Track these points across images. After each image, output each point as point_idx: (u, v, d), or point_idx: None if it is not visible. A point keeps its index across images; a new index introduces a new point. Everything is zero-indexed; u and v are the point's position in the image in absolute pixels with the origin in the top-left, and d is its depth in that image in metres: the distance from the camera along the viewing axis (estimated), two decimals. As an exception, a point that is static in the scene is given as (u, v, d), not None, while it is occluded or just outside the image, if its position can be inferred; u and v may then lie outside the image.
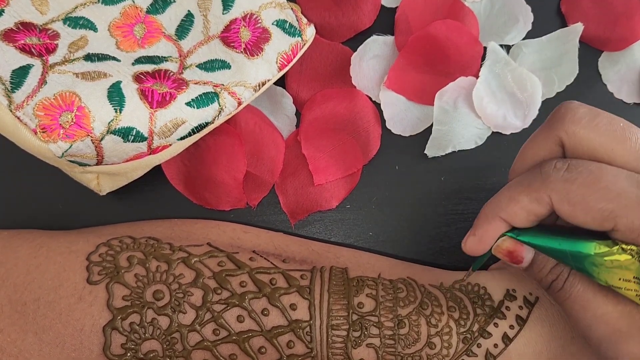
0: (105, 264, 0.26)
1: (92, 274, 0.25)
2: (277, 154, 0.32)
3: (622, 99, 0.34)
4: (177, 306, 0.25)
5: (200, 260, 0.27)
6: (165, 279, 0.26)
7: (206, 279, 0.26)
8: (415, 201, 0.33)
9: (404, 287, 0.27)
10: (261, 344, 0.25)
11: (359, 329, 0.25)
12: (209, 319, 0.25)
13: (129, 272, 0.26)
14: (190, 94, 0.27)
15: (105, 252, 0.26)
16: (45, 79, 0.25)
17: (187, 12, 0.29)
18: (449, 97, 0.32)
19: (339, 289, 0.26)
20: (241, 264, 0.27)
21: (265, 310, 0.25)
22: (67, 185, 0.31)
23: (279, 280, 0.26)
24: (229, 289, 0.26)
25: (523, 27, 0.33)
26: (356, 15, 0.33)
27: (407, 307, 0.26)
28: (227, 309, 0.25)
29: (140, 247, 0.27)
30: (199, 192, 0.32)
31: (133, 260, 0.26)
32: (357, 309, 0.25)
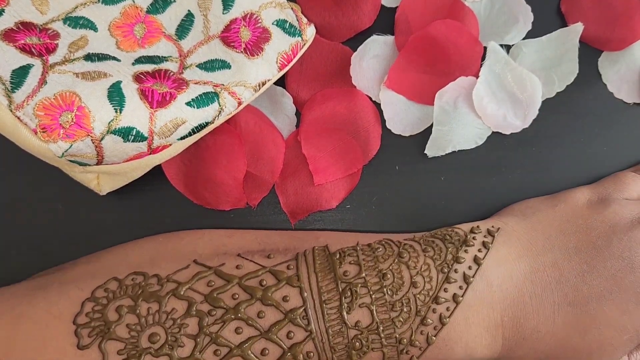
0: (93, 323, 0.25)
1: (81, 338, 0.25)
2: (277, 154, 0.32)
3: (622, 99, 0.34)
4: (174, 342, 0.25)
5: (190, 287, 0.26)
6: (159, 320, 0.25)
7: (199, 305, 0.26)
8: (415, 201, 0.33)
9: (381, 246, 0.29)
10: (263, 346, 0.25)
11: (349, 294, 0.26)
12: (208, 342, 0.25)
13: (120, 325, 0.25)
14: (190, 94, 0.27)
15: (91, 309, 0.25)
16: (46, 79, 0.25)
17: (187, 11, 0.29)
18: (449, 97, 0.32)
19: (324, 266, 0.27)
20: (229, 277, 0.27)
21: (261, 312, 0.26)
22: (67, 185, 0.31)
23: (268, 279, 0.27)
24: (222, 306, 0.26)
25: (523, 27, 0.33)
26: (356, 15, 0.33)
27: (387, 260, 0.28)
28: (224, 326, 0.25)
29: (127, 292, 0.26)
30: (199, 192, 0.32)
31: (122, 311, 0.25)
32: (344, 277, 0.27)
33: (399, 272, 0.27)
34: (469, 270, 0.27)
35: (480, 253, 0.28)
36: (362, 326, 0.26)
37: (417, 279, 0.27)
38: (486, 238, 0.29)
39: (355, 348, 0.26)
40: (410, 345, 0.26)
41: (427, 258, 0.28)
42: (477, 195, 0.33)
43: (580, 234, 0.28)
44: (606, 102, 0.34)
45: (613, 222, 0.28)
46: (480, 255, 0.28)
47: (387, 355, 0.26)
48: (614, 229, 0.28)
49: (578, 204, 0.30)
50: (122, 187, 0.29)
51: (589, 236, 0.28)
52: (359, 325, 0.26)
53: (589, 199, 0.30)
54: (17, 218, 0.31)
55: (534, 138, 0.33)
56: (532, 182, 0.33)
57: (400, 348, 0.26)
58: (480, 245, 0.28)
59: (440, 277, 0.27)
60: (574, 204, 0.30)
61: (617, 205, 0.29)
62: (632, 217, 0.29)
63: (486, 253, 0.28)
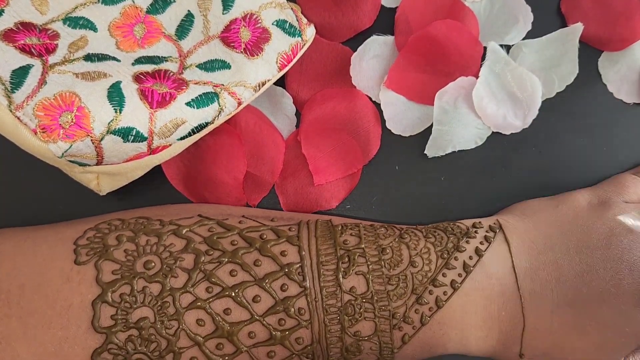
0: (93, 245, 0.26)
1: (79, 255, 0.25)
2: (277, 154, 0.32)
3: (622, 99, 0.34)
4: (168, 271, 0.25)
5: (191, 229, 0.27)
6: (156, 250, 0.26)
7: (197, 244, 0.26)
8: (415, 201, 0.33)
9: (384, 227, 0.29)
10: (255, 293, 0.26)
11: (346, 260, 0.27)
12: (202, 279, 0.25)
13: (118, 249, 0.26)
14: (190, 94, 0.27)
15: (93, 235, 0.27)
16: (45, 79, 0.25)
17: (187, 12, 0.29)
18: (449, 97, 0.32)
19: (325, 233, 0.28)
20: (230, 227, 0.27)
21: (258, 261, 0.26)
22: (67, 185, 0.31)
23: (268, 234, 0.27)
24: (220, 249, 0.26)
25: (523, 27, 0.33)
26: (356, 15, 0.33)
27: (388, 238, 0.28)
28: (219, 266, 0.26)
29: (129, 227, 0.27)
30: (199, 192, 0.32)
31: (122, 239, 0.26)
32: (343, 245, 0.27)
33: (398, 250, 0.27)
34: (469, 259, 0.27)
35: (482, 245, 0.28)
36: (357, 293, 0.26)
37: (416, 259, 0.27)
38: (488, 233, 0.29)
39: (347, 313, 0.26)
40: (404, 322, 0.26)
41: (428, 243, 0.28)
42: (477, 195, 0.33)
43: (580, 234, 0.28)
44: (606, 102, 0.34)
45: (612, 224, 0.28)
46: (481, 247, 0.28)
47: (380, 327, 0.26)
48: (613, 232, 0.28)
49: (579, 206, 0.30)
50: (122, 187, 0.29)
51: (590, 237, 0.28)
52: (354, 291, 0.26)
53: (590, 201, 0.30)
54: (17, 218, 0.31)
55: (534, 138, 0.33)
56: (532, 182, 0.33)
57: (393, 322, 0.26)
58: (482, 238, 0.28)
59: (440, 262, 0.27)
60: (574, 206, 0.30)
61: (617, 208, 0.29)
62: None
63: (487, 246, 0.28)
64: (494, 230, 0.29)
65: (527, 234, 0.29)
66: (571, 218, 0.29)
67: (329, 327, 0.26)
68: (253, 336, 0.25)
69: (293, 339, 0.26)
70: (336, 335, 0.26)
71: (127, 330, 0.24)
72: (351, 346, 0.26)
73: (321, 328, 0.26)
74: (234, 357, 0.25)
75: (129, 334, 0.24)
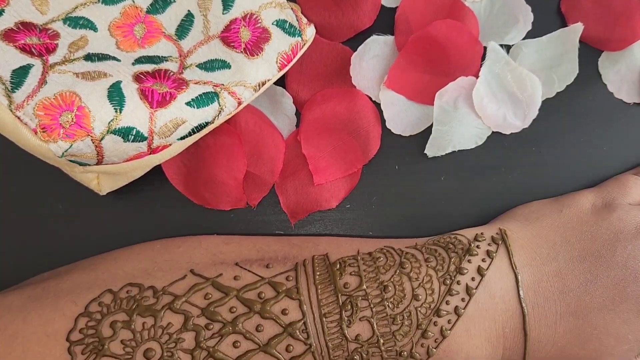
0: (87, 339, 0.25)
1: (74, 356, 0.24)
2: (277, 154, 0.32)
3: (622, 99, 0.34)
4: (170, 357, 0.25)
5: (187, 300, 0.26)
6: (154, 335, 0.25)
7: (195, 319, 0.26)
8: (415, 201, 0.33)
9: (383, 255, 0.28)
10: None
11: (349, 307, 0.26)
12: (205, 357, 0.25)
13: (114, 341, 0.25)
14: (190, 94, 0.27)
15: (85, 325, 0.25)
16: (46, 79, 0.25)
17: (187, 12, 0.29)
18: (449, 97, 0.32)
19: (324, 277, 0.27)
20: (227, 289, 0.27)
21: (260, 326, 0.26)
22: (67, 185, 0.31)
23: (267, 291, 0.27)
24: (220, 320, 0.26)
25: (523, 27, 0.33)
26: (356, 15, 0.33)
27: (389, 271, 0.27)
28: (221, 340, 0.25)
29: (122, 305, 0.26)
30: (199, 192, 0.32)
31: (116, 327, 0.25)
32: (344, 290, 0.27)
33: (400, 283, 0.27)
34: (471, 281, 0.27)
35: (484, 263, 0.28)
36: (363, 339, 0.26)
37: (419, 291, 0.27)
38: (490, 246, 0.28)
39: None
40: (411, 358, 0.26)
41: (429, 269, 0.27)
42: (477, 195, 0.33)
43: (584, 241, 0.28)
44: (606, 102, 0.34)
45: (617, 229, 0.28)
46: (483, 266, 0.27)
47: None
48: (618, 237, 0.28)
49: (582, 210, 0.30)
50: (122, 187, 0.29)
51: (594, 244, 0.28)
52: (359, 338, 0.26)
53: (593, 204, 0.30)
54: (17, 218, 0.31)
55: (534, 138, 0.33)
56: (532, 182, 0.33)
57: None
58: (484, 254, 0.28)
59: (443, 289, 0.27)
60: (578, 210, 0.30)
61: (621, 211, 0.29)
62: (636, 223, 0.28)
63: (490, 263, 0.28)
64: (496, 242, 0.28)
65: (530, 243, 0.29)
66: (575, 223, 0.29)
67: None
68: None
69: None
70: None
71: None
72: None
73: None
74: None
75: None
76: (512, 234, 0.29)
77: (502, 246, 0.28)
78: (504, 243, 0.28)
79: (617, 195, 0.30)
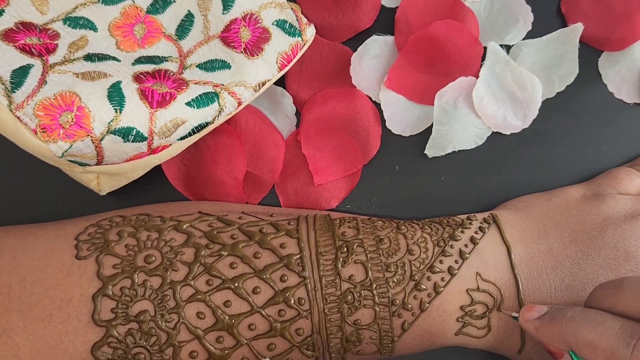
0: (94, 240, 0.26)
1: (80, 250, 0.26)
2: (277, 154, 0.32)
3: (622, 99, 0.34)
4: (169, 265, 0.25)
5: (191, 224, 0.27)
6: (157, 245, 0.26)
7: (197, 239, 0.27)
8: (415, 201, 0.33)
9: (381, 221, 0.29)
10: (255, 285, 0.26)
11: (345, 250, 0.27)
12: (202, 272, 0.26)
13: (119, 244, 0.26)
14: (190, 94, 0.27)
15: (94, 231, 0.27)
16: (45, 79, 0.25)
17: (187, 12, 0.29)
18: (449, 97, 0.32)
19: (323, 226, 0.28)
20: (230, 222, 0.28)
21: (257, 253, 0.26)
22: (67, 185, 0.31)
23: (268, 228, 0.28)
24: (220, 242, 0.26)
25: (523, 27, 0.33)
26: (356, 15, 0.33)
27: (385, 230, 0.28)
28: (219, 259, 0.26)
29: (130, 223, 0.27)
30: (199, 192, 0.32)
31: (123, 234, 0.27)
32: (342, 237, 0.27)
33: (395, 239, 0.28)
34: (465, 247, 0.28)
35: (477, 235, 0.28)
36: (356, 280, 0.26)
37: (414, 247, 0.27)
38: (482, 224, 0.29)
39: (347, 301, 0.26)
40: (403, 308, 0.27)
41: (424, 233, 0.28)
42: (477, 195, 0.33)
43: (574, 224, 0.29)
44: (606, 102, 0.34)
45: (607, 214, 0.29)
46: (476, 236, 0.28)
47: (379, 315, 0.26)
48: (608, 221, 0.28)
49: (572, 198, 0.30)
50: (122, 187, 0.29)
51: (584, 227, 0.28)
52: (353, 279, 0.26)
53: (583, 194, 0.31)
54: (17, 218, 0.31)
55: (534, 138, 0.33)
56: (532, 182, 0.33)
57: (392, 309, 0.26)
58: (476, 229, 0.29)
59: (437, 250, 0.28)
60: (567, 198, 0.30)
61: (610, 199, 0.29)
62: (625, 210, 0.29)
63: (482, 235, 0.28)
64: (488, 222, 0.29)
65: (521, 224, 0.29)
66: (564, 209, 0.30)
67: (329, 317, 0.26)
68: (253, 328, 0.26)
69: (293, 330, 0.26)
70: (336, 324, 0.26)
71: (127, 323, 0.24)
72: (351, 335, 0.26)
73: (321, 318, 0.26)
74: (234, 350, 0.26)
75: (129, 327, 0.24)
76: (502, 217, 0.30)
77: (493, 225, 0.29)
78: (495, 223, 0.29)
79: (608, 187, 0.31)
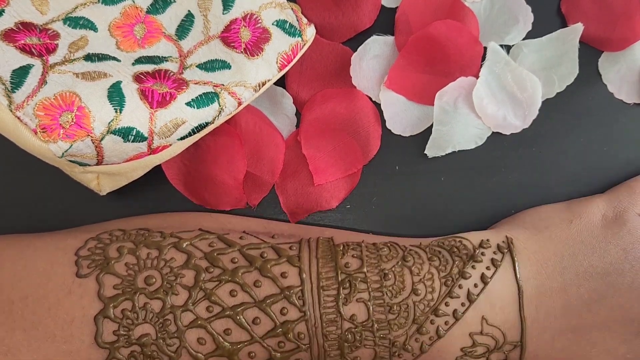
0: (94, 257, 0.26)
1: (80, 267, 0.26)
2: (277, 154, 0.32)
3: (622, 99, 0.34)
4: (169, 289, 0.25)
5: (191, 243, 0.27)
6: (157, 265, 0.26)
7: (197, 260, 0.26)
8: (415, 201, 0.33)
9: (387, 247, 0.28)
10: (255, 315, 0.26)
11: (347, 286, 0.26)
12: (202, 297, 0.25)
13: (119, 262, 0.26)
14: (190, 94, 0.27)
15: (94, 246, 0.27)
16: (46, 79, 0.25)
17: (187, 12, 0.29)
18: (449, 97, 0.32)
19: (326, 253, 0.27)
20: (231, 243, 0.27)
21: (258, 282, 0.26)
22: (67, 185, 0.31)
23: (269, 253, 0.27)
24: (220, 266, 0.26)
25: (523, 27, 0.33)
26: (356, 15, 0.33)
27: (390, 261, 0.27)
28: (219, 285, 0.26)
29: (130, 238, 0.27)
30: (199, 192, 0.32)
31: (123, 251, 0.26)
32: (345, 269, 0.27)
33: (401, 275, 0.27)
34: (474, 288, 0.27)
35: (488, 271, 0.27)
36: (357, 321, 0.26)
37: (419, 286, 0.26)
38: (495, 255, 0.28)
39: (347, 341, 0.26)
40: (403, 350, 0.26)
41: (431, 267, 0.27)
42: (477, 195, 0.33)
43: (592, 258, 0.27)
44: (606, 102, 0.34)
45: (627, 244, 0.27)
46: (487, 274, 0.27)
47: (379, 354, 0.26)
48: (627, 255, 0.27)
49: (593, 222, 0.29)
50: (122, 187, 0.29)
51: (603, 262, 0.27)
52: (354, 319, 0.26)
53: (604, 214, 0.29)
54: (17, 218, 0.31)
55: (534, 138, 0.33)
56: (532, 182, 0.33)
57: (392, 350, 0.26)
58: (488, 262, 0.27)
59: (443, 290, 0.27)
60: (588, 221, 0.29)
61: (631, 225, 0.28)
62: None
63: (494, 272, 0.27)
64: (502, 252, 0.28)
65: (537, 255, 0.28)
66: (585, 237, 0.28)
67: (328, 352, 0.26)
68: (253, 356, 0.26)
69: None
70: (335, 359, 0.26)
71: (130, 346, 0.24)
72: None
73: (320, 352, 0.26)
74: None
75: (132, 349, 0.24)
76: (518, 244, 0.28)
77: (507, 255, 0.28)
78: (510, 253, 0.28)
79: (628, 205, 0.29)
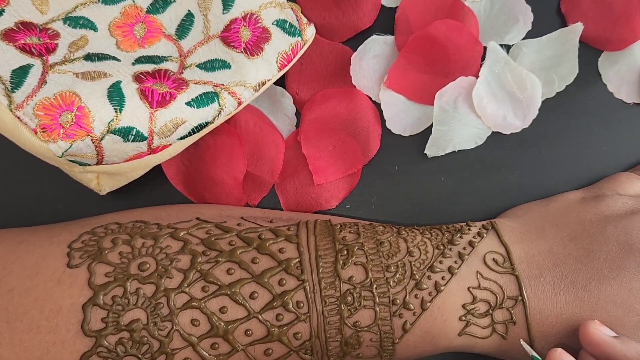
0: (87, 248, 0.26)
1: (72, 258, 0.25)
2: (277, 154, 0.32)
3: (622, 99, 0.34)
4: (163, 272, 0.25)
5: (189, 232, 0.27)
6: (152, 252, 0.26)
7: (194, 246, 0.26)
8: (415, 201, 0.33)
9: (382, 226, 0.29)
10: (252, 290, 0.25)
11: (345, 253, 0.27)
12: (198, 278, 0.25)
13: (112, 252, 0.26)
14: (190, 94, 0.27)
15: (88, 238, 0.26)
16: (46, 79, 0.25)
17: (187, 11, 0.29)
18: (449, 97, 0.32)
19: (323, 231, 0.28)
20: (229, 229, 0.27)
21: (255, 259, 0.26)
22: (67, 185, 0.31)
23: (267, 234, 0.27)
24: (217, 249, 0.26)
25: (523, 27, 0.33)
26: (356, 15, 0.33)
27: (386, 234, 0.28)
28: (216, 265, 0.26)
29: (126, 230, 0.27)
30: (199, 192, 0.32)
31: (117, 242, 0.26)
32: (342, 241, 0.27)
33: (396, 242, 0.28)
34: (463, 250, 0.28)
35: (475, 239, 0.28)
36: (356, 281, 0.26)
37: (414, 249, 0.27)
38: (481, 230, 0.29)
39: (346, 302, 0.26)
40: (404, 308, 0.26)
41: (424, 237, 0.28)
42: (477, 195, 0.33)
43: (573, 224, 0.29)
44: (606, 102, 0.34)
45: (606, 213, 0.28)
46: (475, 240, 0.28)
47: (380, 315, 0.26)
48: (608, 219, 0.28)
49: (571, 201, 0.30)
50: (122, 187, 0.29)
51: (583, 226, 0.28)
52: (352, 280, 0.26)
53: (583, 197, 0.31)
54: (17, 218, 0.31)
55: (534, 138, 0.33)
56: (532, 182, 0.33)
57: (393, 309, 0.26)
58: (474, 234, 0.29)
59: (436, 252, 0.28)
60: (566, 201, 0.30)
61: (610, 199, 0.29)
62: (625, 208, 0.29)
63: (480, 240, 0.28)
64: (486, 228, 0.29)
65: (519, 229, 0.29)
66: (563, 211, 0.30)
67: (328, 319, 0.26)
68: (250, 334, 0.25)
69: (291, 335, 0.25)
70: (335, 327, 0.26)
71: (118, 332, 0.24)
72: (351, 338, 0.26)
73: (320, 321, 0.26)
74: (230, 356, 0.25)
75: (120, 336, 0.24)
76: (500, 224, 0.30)
77: (491, 231, 0.29)
78: (493, 228, 0.29)
79: (607, 189, 0.31)
